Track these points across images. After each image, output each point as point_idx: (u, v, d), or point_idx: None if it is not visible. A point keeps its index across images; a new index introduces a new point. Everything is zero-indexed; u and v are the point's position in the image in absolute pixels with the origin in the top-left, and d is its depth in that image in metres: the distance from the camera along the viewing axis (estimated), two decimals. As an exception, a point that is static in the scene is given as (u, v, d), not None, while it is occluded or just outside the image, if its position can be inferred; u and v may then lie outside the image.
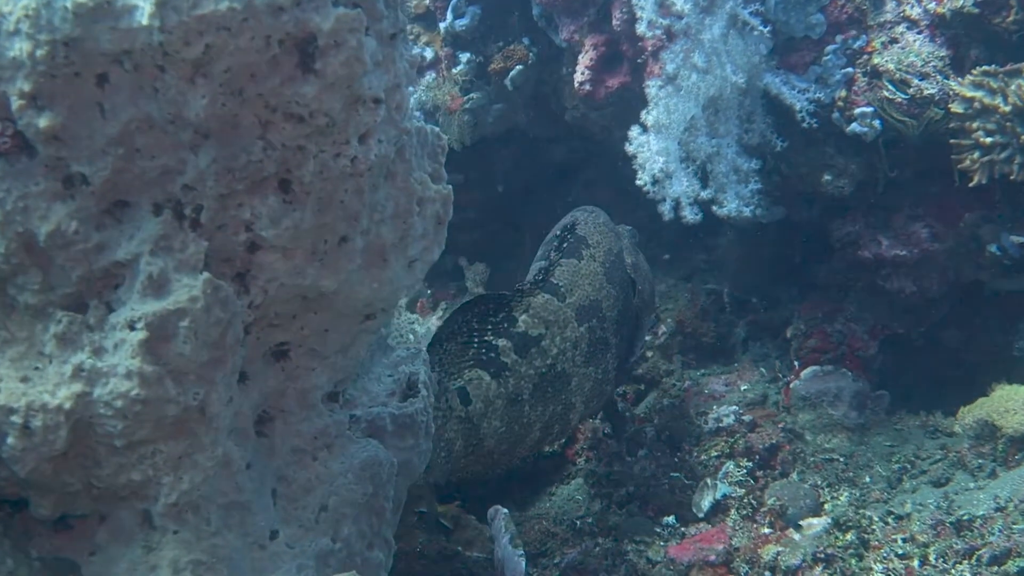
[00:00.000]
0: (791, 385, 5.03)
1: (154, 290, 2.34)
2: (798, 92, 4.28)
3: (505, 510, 4.26)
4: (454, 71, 5.49)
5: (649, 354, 5.55)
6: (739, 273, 5.68)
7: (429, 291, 6.62)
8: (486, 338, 4.24)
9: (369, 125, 2.44)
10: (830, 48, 4.35)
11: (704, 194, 4.20)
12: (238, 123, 2.30)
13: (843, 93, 4.36)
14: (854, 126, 4.32)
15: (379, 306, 2.79)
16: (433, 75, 5.60)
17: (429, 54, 5.62)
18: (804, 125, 4.27)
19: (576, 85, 5.07)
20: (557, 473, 5.09)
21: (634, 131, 4.30)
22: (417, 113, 5.57)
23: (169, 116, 2.27)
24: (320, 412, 2.85)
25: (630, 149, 4.29)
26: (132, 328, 2.31)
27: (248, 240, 2.44)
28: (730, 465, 4.54)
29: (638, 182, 4.33)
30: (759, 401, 5.13)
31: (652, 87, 4.24)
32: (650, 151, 4.21)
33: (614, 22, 4.75)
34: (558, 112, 5.57)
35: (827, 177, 4.57)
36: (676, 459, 4.76)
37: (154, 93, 2.25)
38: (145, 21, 2.13)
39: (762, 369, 5.38)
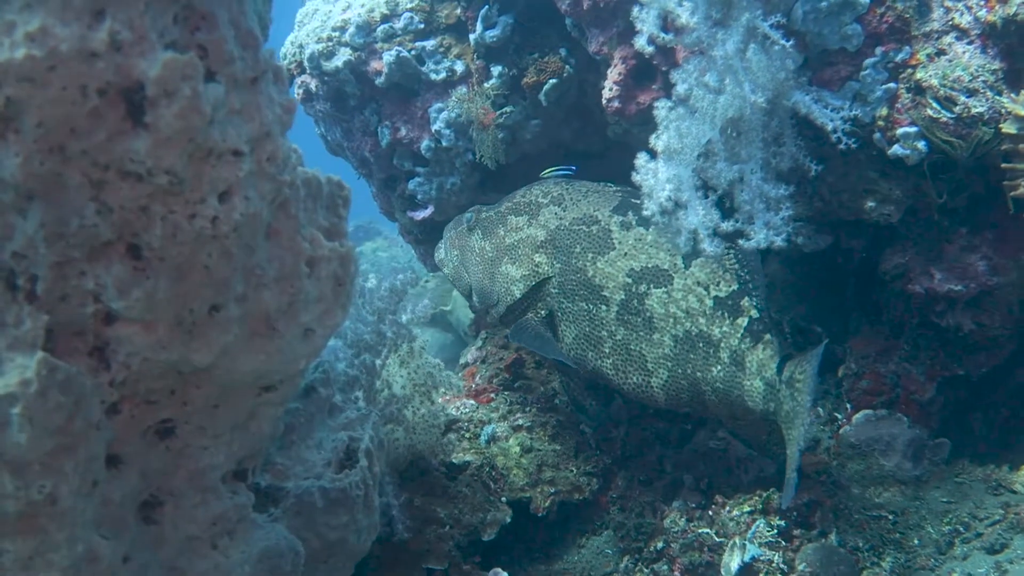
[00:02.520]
0: (840, 431, 4.57)
1: (-18, 372, 2.06)
2: (831, 111, 3.81)
3: (505, 573, 3.95)
4: (486, 85, 5.15)
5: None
6: (789, 302, 5.23)
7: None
8: None
9: (230, 181, 2.13)
10: (869, 62, 3.88)
11: (726, 225, 3.77)
12: (64, 183, 2.00)
13: (884, 111, 3.89)
14: (896, 148, 3.85)
15: (275, 378, 2.48)
16: (464, 89, 5.27)
17: (460, 67, 5.29)
18: (841, 147, 3.80)
19: (604, 101, 4.69)
20: (589, 522, 4.73)
21: (641, 158, 3.89)
22: (447, 131, 5.25)
23: (-16, 177, 1.98)
24: (219, 494, 2.55)
25: (636, 178, 3.89)
26: (-41, 415, 2.04)
27: (101, 312, 2.15)
28: (761, 523, 4.10)
29: (644, 212, 3.94)
30: (810, 446, 4.68)
31: (661, 109, 3.83)
32: (657, 179, 3.80)
33: (644, 33, 4.36)
34: (603, 126, 5.18)
35: (871, 203, 4.11)
36: (711, 512, 4.34)
37: (-36, 152, 1.97)
38: (-71, 73, 1.86)
39: (819, 409, 4.92)
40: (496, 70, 5.13)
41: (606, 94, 4.67)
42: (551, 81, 5.02)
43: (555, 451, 4.80)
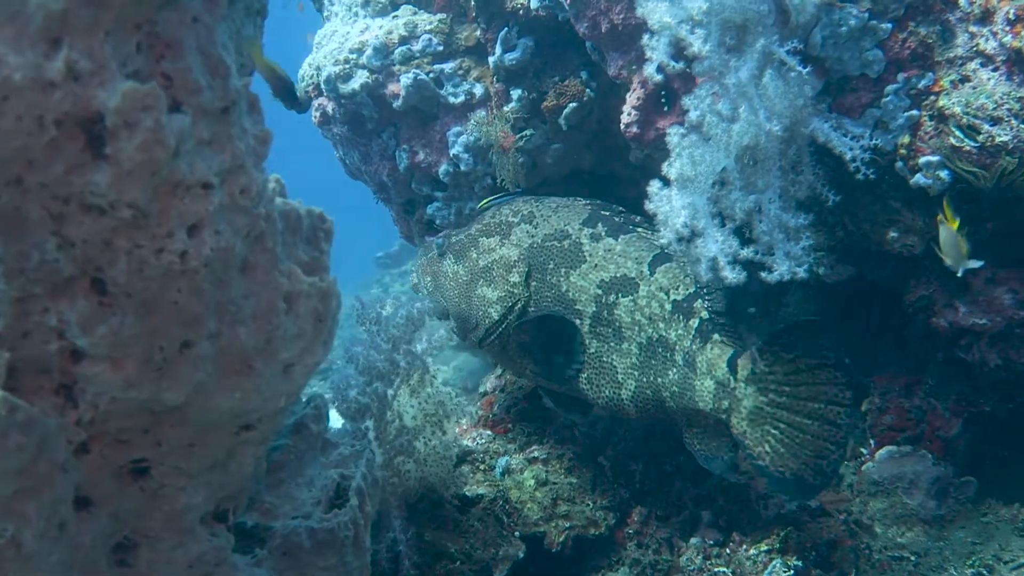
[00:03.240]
0: (863, 467, 4.42)
1: (-59, 412, 1.99)
2: (851, 139, 3.69)
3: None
4: (505, 109, 5.05)
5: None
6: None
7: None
8: None
9: (199, 214, 2.05)
10: (891, 88, 3.76)
11: (746, 252, 3.66)
12: (24, 217, 1.93)
13: (906, 139, 3.76)
14: (918, 177, 3.72)
15: (254, 416, 2.39)
16: (484, 112, 5.18)
17: (479, 90, 5.20)
18: (859, 177, 3.69)
19: (623, 126, 4.58)
20: (605, 557, 4.59)
21: (654, 185, 3.79)
22: (466, 155, 5.17)
23: (-59, 211, 1.91)
24: (197, 536, 2.46)
25: (650, 206, 3.79)
26: (-83, 457, 1.97)
27: (66, 349, 2.07)
28: (777, 563, 3.96)
29: (661, 241, 3.84)
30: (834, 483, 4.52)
31: (673, 136, 3.73)
32: (672, 206, 3.70)
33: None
34: (627, 151, 5.07)
35: (893, 234, 3.98)
36: (728, 550, 4.21)
37: (-80, 185, 1.90)
38: None
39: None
40: (516, 93, 5.04)
41: (624, 119, 4.56)
42: (571, 105, 4.92)
43: (571, 484, 4.68)
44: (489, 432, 5.02)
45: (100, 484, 2.29)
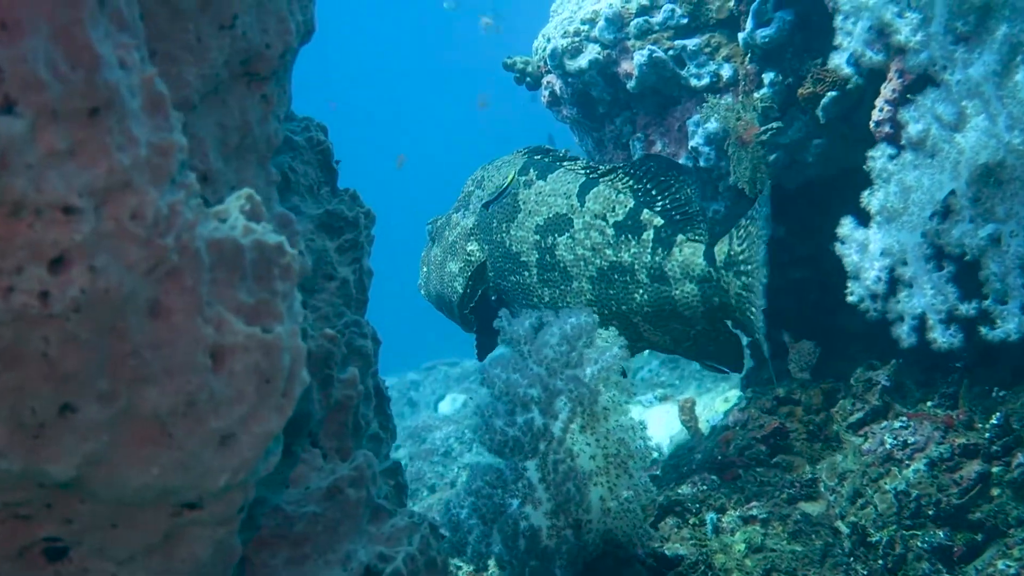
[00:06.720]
0: None
1: None
2: None
3: None
4: (755, 95, 4.31)
5: (995, 492, 4.10)
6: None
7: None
8: None
9: (61, 245, 1.57)
10: None
11: (966, 308, 2.82)
12: None
13: None
14: None
15: (191, 494, 1.88)
16: (731, 98, 4.45)
17: (727, 72, 4.48)
18: None
19: (872, 124, 3.76)
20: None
21: (846, 225, 3.03)
22: (706, 148, 4.46)
23: None
24: (137, 633, 1.99)
25: (839, 249, 3.03)
26: None
27: (-79, 404, 1.65)
28: None
29: (850, 298, 3.07)
30: None
31: (878, 158, 2.93)
32: (866, 253, 2.91)
33: (927, 40, 3.40)
34: (908, 150, 4.21)
35: None
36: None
37: None
38: None
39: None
40: (768, 77, 4.30)
41: (875, 115, 3.75)
42: (830, 94, 4.12)
43: (793, 553, 3.89)
44: (715, 477, 4.31)
45: (-4, 566, 1.85)
